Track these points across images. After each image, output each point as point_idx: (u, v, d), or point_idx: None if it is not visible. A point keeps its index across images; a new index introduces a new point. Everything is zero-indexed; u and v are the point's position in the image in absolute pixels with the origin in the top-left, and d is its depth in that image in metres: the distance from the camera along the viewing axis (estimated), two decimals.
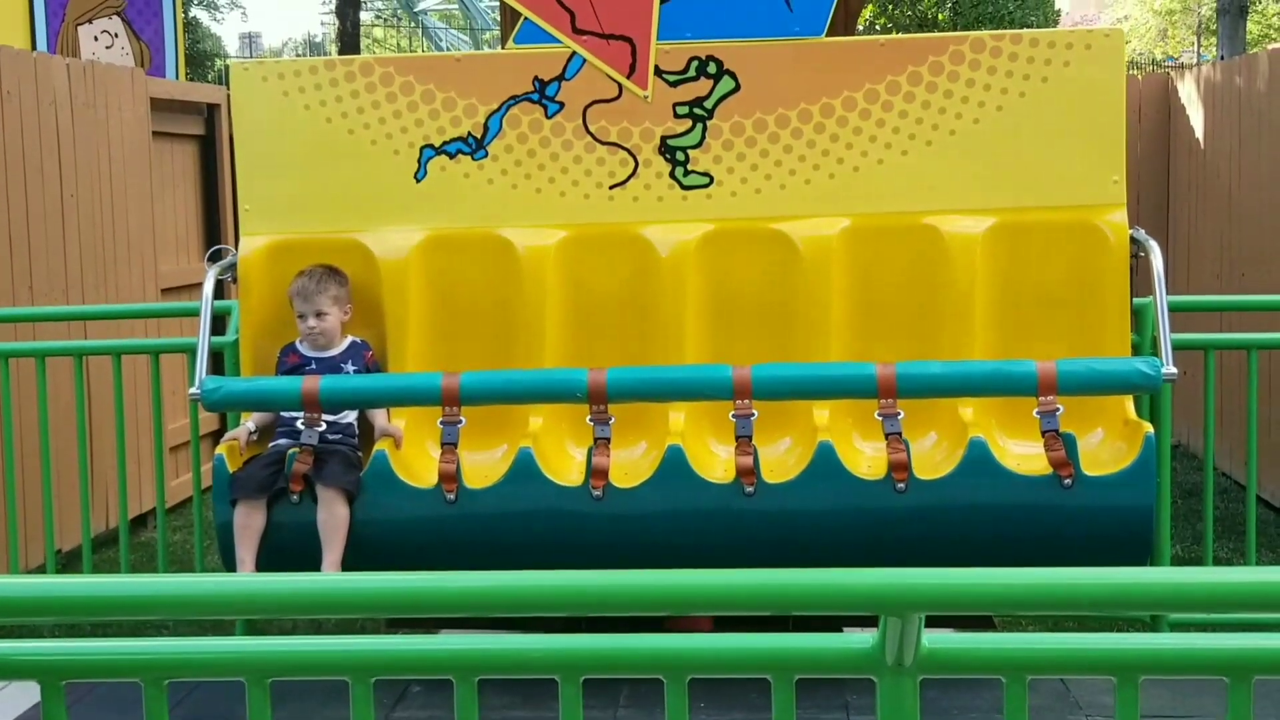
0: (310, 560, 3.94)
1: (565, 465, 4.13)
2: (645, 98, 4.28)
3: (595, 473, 3.94)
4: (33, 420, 5.18)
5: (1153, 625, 4.36)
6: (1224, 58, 18.28)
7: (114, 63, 7.51)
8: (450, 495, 3.97)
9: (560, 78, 4.29)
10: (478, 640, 2.03)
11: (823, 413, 4.14)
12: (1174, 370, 3.89)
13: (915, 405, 3.99)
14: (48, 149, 5.79)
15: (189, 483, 6.06)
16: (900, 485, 3.90)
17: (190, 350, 4.36)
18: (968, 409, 4.10)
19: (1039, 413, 3.90)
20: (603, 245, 4.29)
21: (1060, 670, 2.09)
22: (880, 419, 3.94)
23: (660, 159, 4.29)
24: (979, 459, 3.91)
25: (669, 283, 4.25)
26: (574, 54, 4.29)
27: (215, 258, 4.41)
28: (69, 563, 5.66)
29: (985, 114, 4.22)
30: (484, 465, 4.12)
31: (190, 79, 14.85)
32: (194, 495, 4.91)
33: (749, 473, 3.91)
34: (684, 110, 4.27)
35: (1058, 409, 3.89)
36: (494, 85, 4.30)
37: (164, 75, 8.35)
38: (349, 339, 4.28)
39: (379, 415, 4.19)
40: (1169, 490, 4.46)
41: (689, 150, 4.28)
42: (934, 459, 4.06)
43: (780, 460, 4.11)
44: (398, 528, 4.03)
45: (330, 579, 2.00)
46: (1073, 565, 4.86)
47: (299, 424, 4.07)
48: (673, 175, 4.29)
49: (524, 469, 3.97)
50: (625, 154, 4.29)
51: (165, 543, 4.94)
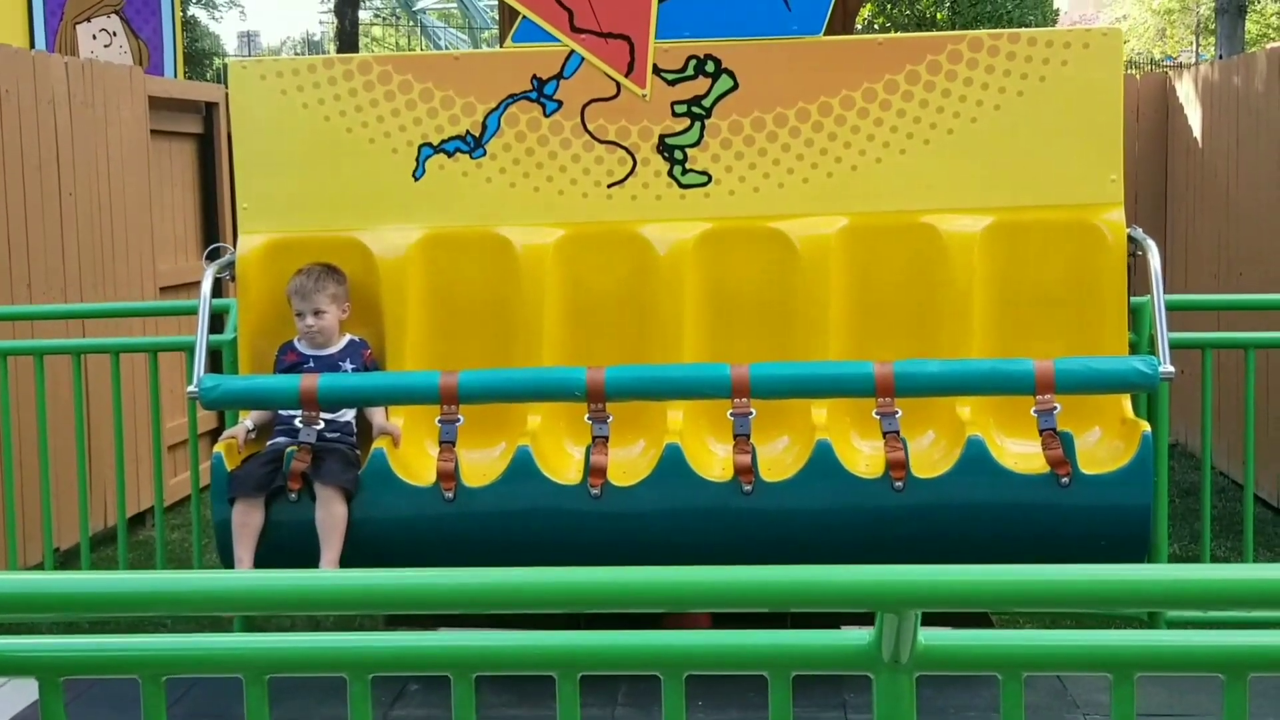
0: (308, 558, 3.94)
1: (563, 464, 4.13)
2: (643, 96, 4.28)
3: (593, 471, 3.95)
4: (31, 419, 5.18)
5: (1150, 623, 4.37)
6: (1222, 57, 18.28)
7: (112, 61, 7.51)
8: (448, 493, 3.98)
9: (558, 76, 4.29)
10: (475, 638, 2.03)
11: (821, 411, 4.14)
12: (1171, 369, 3.89)
13: (913, 404, 4.00)
14: (46, 148, 5.79)
15: (187, 481, 6.05)
16: (898, 484, 3.91)
17: (188, 348, 4.36)
18: (965, 408, 4.11)
19: (1037, 411, 3.90)
20: (601, 244, 4.29)
21: (1056, 667, 2.09)
22: (878, 418, 3.95)
23: (658, 158, 4.29)
24: (977, 458, 3.91)
25: (667, 281, 4.25)
26: (572, 52, 4.29)
27: (213, 256, 4.41)
28: (67, 561, 5.66)
29: (983, 113, 4.23)
30: (482, 463, 4.12)
31: (189, 78, 14.85)
32: (192, 493, 4.91)
33: (747, 471, 3.92)
34: (682, 109, 4.27)
35: (1055, 408, 3.89)
36: (492, 84, 4.30)
37: (162, 74, 8.36)
38: (347, 337, 4.29)
39: (377, 413, 4.19)
40: (1167, 489, 4.46)
41: (687, 149, 4.28)
42: (932, 458, 4.06)
43: (778, 459, 4.11)
44: (396, 526, 4.03)
45: (328, 575, 2.01)
46: (1070, 564, 4.85)
47: (297, 422, 4.07)
48: (671, 174, 4.29)
49: (522, 467, 3.98)
50: (623, 153, 4.29)
51: (163, 541, 4.94)
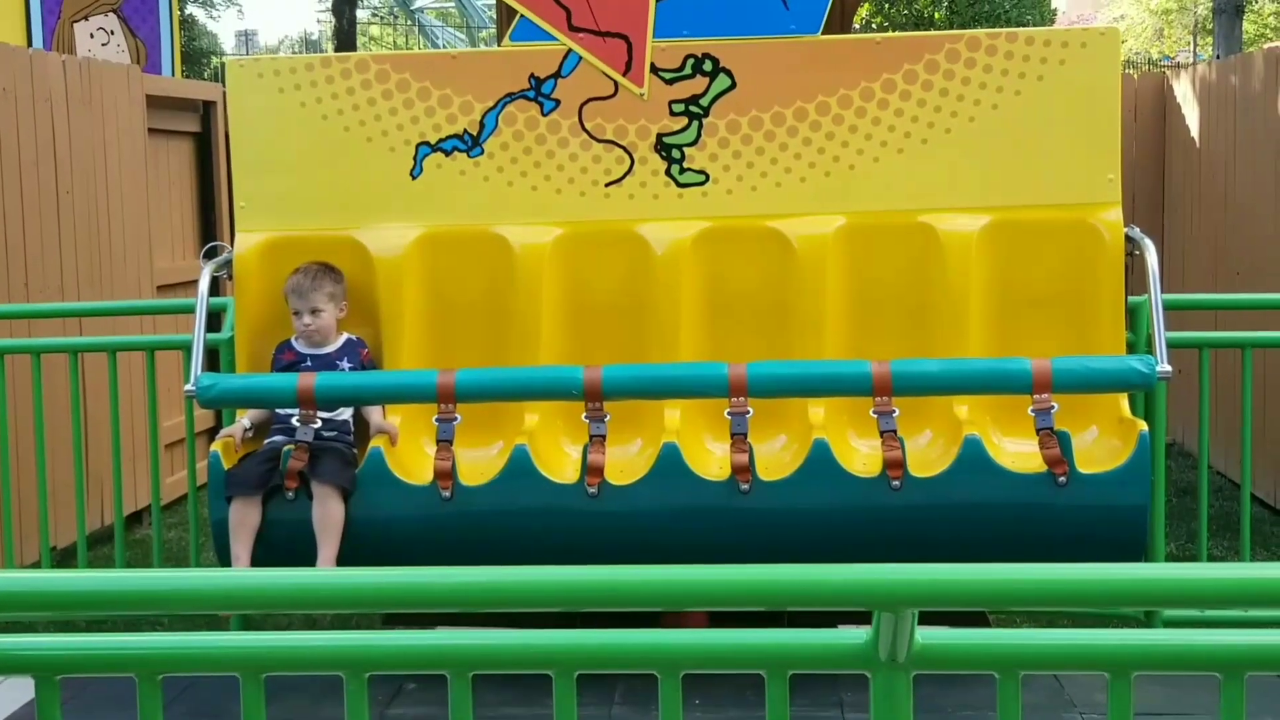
0: (305, 557, 3.94)
1: (561, 462, 4.13)
2: (641, 95, 4.28)
3: (591, 470, 3.95)
4: (28, 417, 5.18)
5: (1147, 622, 4.37)
6: (1220, 57, 18.29)
7: (110, 60, 7.51)
8: (446, 492, 3.98)
9: (556, 75, 4.29)
10: (471, 636, 2.03)
11: (818, 410, 4.15)
12: (1168, 368, 3.89)
13: (910, 403, 4.00)
14: (43, 146, 5.79)
15: (184, 480, 6.05)
16: (895, 483, 3.91)
17: (186, 347, 4.36)
18: (963, 407, 4.11)
19: (1034, 411, 3.90)
20: (598, 243, 4.29)
21: (1053, 666, 2.09)
22: (875, 417, 3.95)
23: (656, 157, 4.29)
24: (974, 457, 3.91)
25: (665, 280, 4.25)
26: (570, 51, 4.29)
27: (211, 254, 4.41)
28: (64, 559, 5.66)
29: (981, 112, 4.23)
30: (479, 462, 4.12)
31: (186, 76, 14.85)
32: (189, 492, 4.90)
33: (744, 470, 3.92)
34: (680, 108, 4.27)
35: (1053, 407, 3.89)
36: (490, 83, 4.29)
37: (160, 72, 8.35)
38: (344, 336, 4.28)
39: (374, 412, 4.19)
40: (1164, 488, 4.46)
41: (685, 148, 4.28)
42: (929, 457, 4.06)
43: (775, 458, 4.11)
44: (393, 525, 4.03)
45: (325, 574, 2.01)
46: (1067, 563, 4.85)
47: (294, 421, 4.07)
48: (668, 173, 4.29)
49: (519, 466, 3.97)
50: (621, 151, 4.29)
51: (160, 540, 4.93)
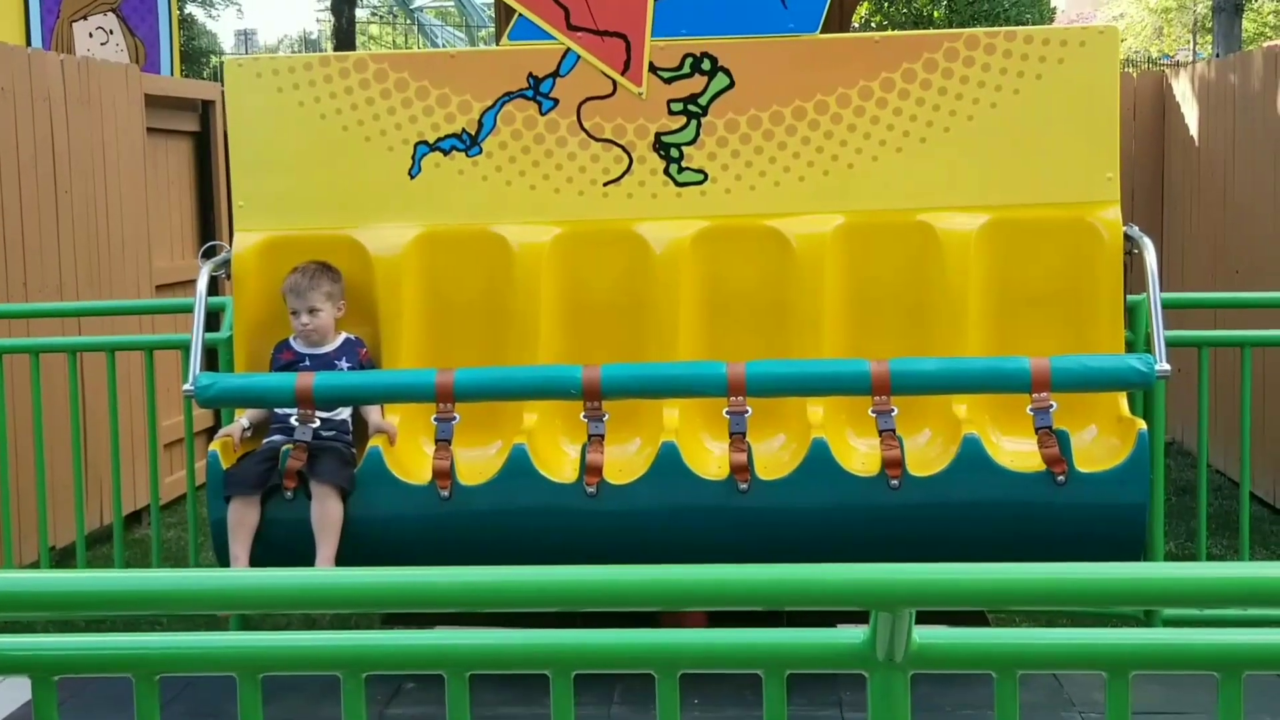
0: (304, 557, 3.94)
1: (559, 462, 4.13)
2: (639, 94, 4.28)
3: (589, 469, 3.94)
4: (27, 417, 5.18)
5: (1146, 621, 4.37)
6: (1219, 55, 18.29)
7: (109, 59, 7.51)
8: (444, 492, 3.97)
9: (554, 74, 4.28)
10: (468, 636, 2.02)
11: (817, 410, 4.14)
12: (1167, 367, 3.89)
13: (909, 402, 4.00)
14: (42, 146, 5.79)
15: (183, 479, 6.05)
16: (894, 482, 3.91)
17: (184, 347, 4.35)
18: (961, 406, 4.11)
19: (1033, 409, 3.90)
20: (597, 242, 4.29)
21: (1051, 666, 2.09)
22: (874, 416, 3.94)
23: (654, 156, 4.28)
24: (973, 456, 3.91)
25: (663, 280, 4.25)
26: (568, 50, 4.28)
27: (209, 254, 4.40)
28: (63, 559, 5.66)
29: (980, 111, 4.22)
30: (478, 462, 4.12)
31: (186, 76, 14.85)
32: (188, 492, 4.90)
33: (743, 469, 3.92)
34: (678, 107, 4.27)
35: (1051, 406, 3.89)
36: (488, 82, 4.29)
37: (159, 72, 8.35)
38: (343, 335, 4.28)
39: (373, 412, 4.19)
40: (1163, 487, 4.46)
41: (683, 147, 4.28)
42: (928, 456, 4.06)
43: (774, 457, 4.11)
44: (392, 524, 4.03)
45: (324, 574, 2.01)
46: (1066, 562, 4.82)
47: (293, 420, 4.07)
48: (667, 172, 4.29)
49: (518, 465, 3.97)
50: (619, 151, 4.29)
51: (159, 539, 4.93)
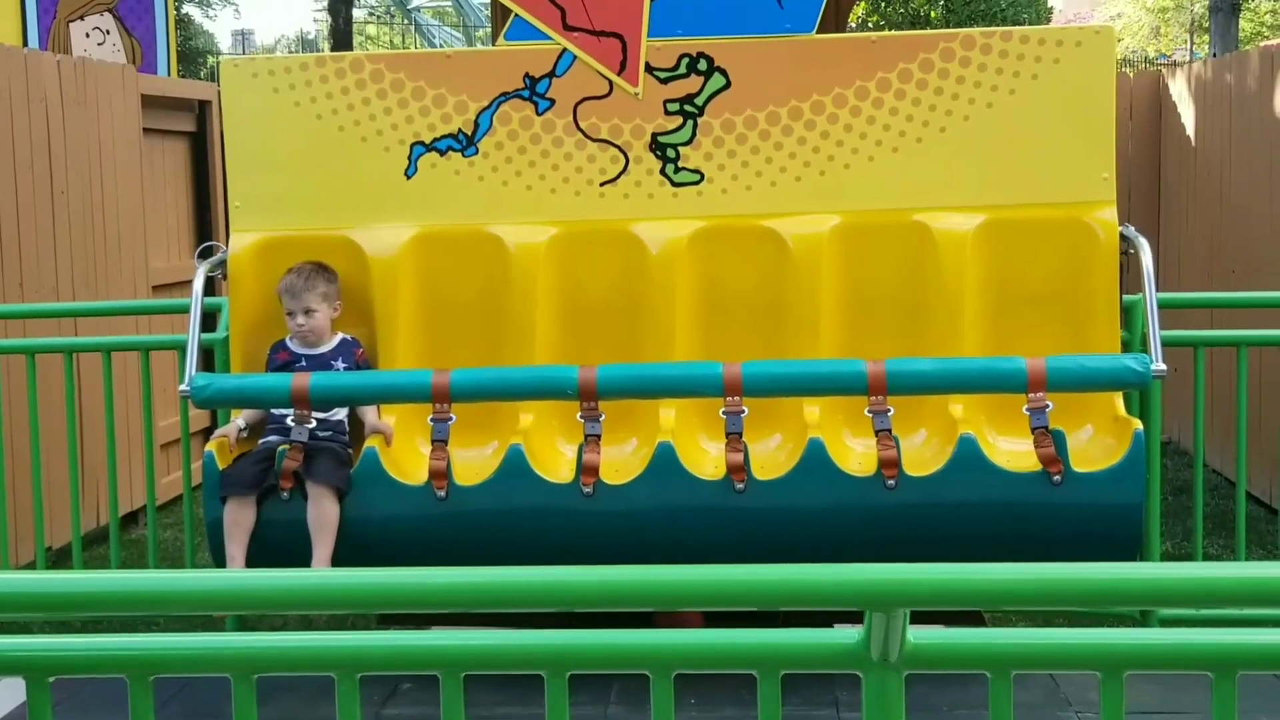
0: (300, 557, 3.93)
1: (556, 462, 4.13)
2: (636, 95, 4.28)
3: (586, 470, 3.94)
4: (23, 417, 5.17)
5: (1142, 620, 4.37)
6: (1216, 55, 18.31)
7: (105, 59, 7.50)
8: (441, 492, 3.97)
9: (551, 74, 4.28)
10: (463, 636, 2.03)
11: (813, 410, 4.14)
12: (1163, 367, 3.89)
13: (905, 402, 3.99)
14: (38, 146, 5.79)
15: (180, 480, 6.06)
16: (890, 482, 3.91)
17: (180, 347, 4.35)
18: (958, 406, 4.10)
19: (1029, 409, 3.90)
20: (593, 242, 4.29)
21: (1045, 665, 2.09)
22: (870, 416, 3.94)
23: (651, 156, 4.28)
24: (969, 456, 3.91)
25: (659, 280, 4.25)
26: (564, 51, 4.28)
27: (206, 254, 4.40)
28: (59, 560, 5.66)
29: (976, 111, 4.22)
30: (474, 462, 4.12)
31: (182, 76, 14.83)
32: (184, 492, 4.90)
33: (739, 469, 3.91)
34: (675, 107, 4.27)
35: (1047, 406, 3.89)
36: (484, 82, 4.29)
37: (156, 72, 8.34)
38: (339, 336, 4.28)
39: (369, 412, 4.18)
40: (1159, 486, 4.46)
41: (680, 147, 4.28)
42: (924, 456, 4.05)
43: (771, 457, 4.11)
44: (388, 525, 4.03)
45: (320, 574, 2.01)
46: (1062, 561, 4.81)
47: (289, 421, 4.06)
48: (663, 172, 4.29)
49: (514, 466, 3.97)
50: (616, 151, 4.29)
51: (156, 540, 4.93)
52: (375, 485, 4.01)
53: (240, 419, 4.22)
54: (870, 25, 18.98)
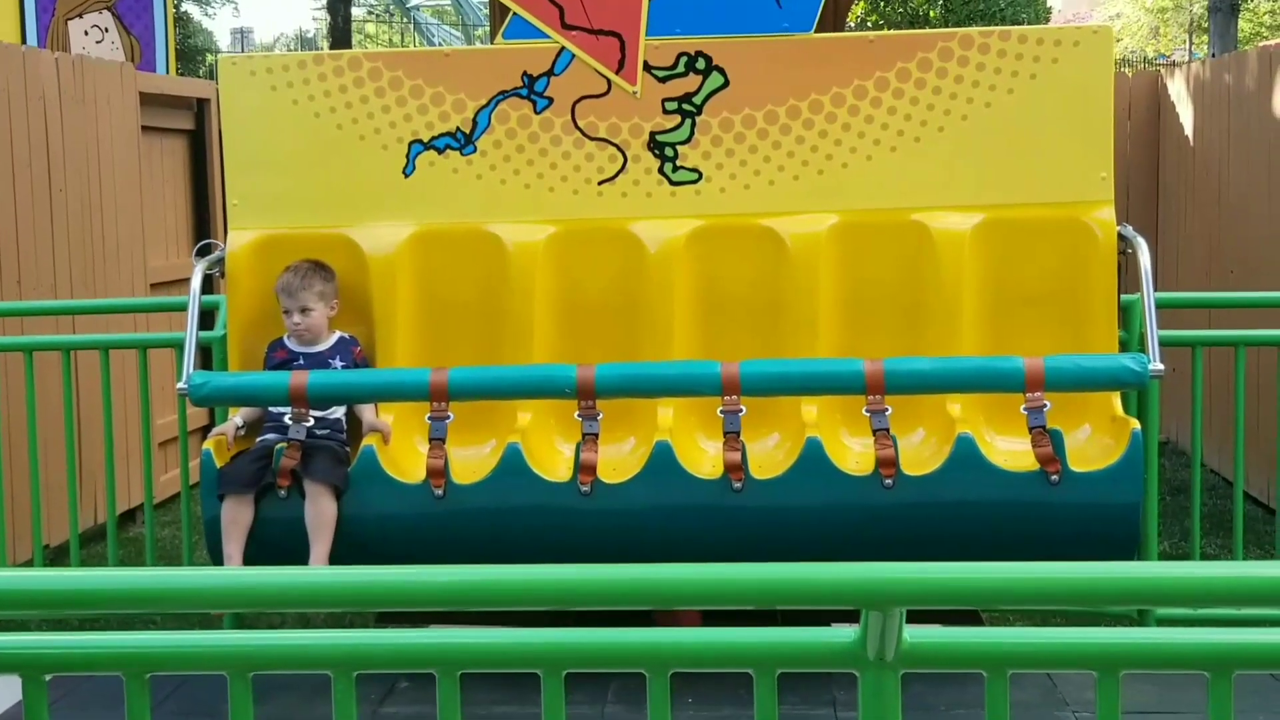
0: (298, 555, 3.94)
1: (553, 461, 4.13)
2: (634, 93, 4.28)
3: (583, 468, 3.94)
4: (21, 415, 5.17)
5: (1140, 620, 4.37)
6: (1215, 55, 18.30)
7: (104, 57, 7.49)
8: (438, 490, 3.97)
9: (549, 73, 4.28)
10: (459, 635, 2.03)
11: (811, 409, 4.14)
12: (1161, 366, 3.89)
13: (903, 401, 3.99)
14: (36, 144, 5.78)
15: (177, 478, 6.06)
16: (888, 481, 3.91)
17: (178, 345, 4.35)
18: (955, 405, 4.11)
19: (1026, 409, 3.90)
20: (591, 241, 4.29)
21: (1041, 665, 2.09)
22: (868, 415, 3.94)
23: (649, 155, 4.28)
24: (966, 455, 3.91)
25: (657, 278, 4.25)
26: (563, 49, 4.28)
27: (203, 252, 4.40)
28: (56, 558, 5.66)
29: (974, 110, 4.23)
30: (472, 461, 4.12)
31: (181, 74, 14.81)
32: (182, 491, 4.90)
33: (737, 468, 3.91)
34: (673, 106, 4.27)
35: (1045, 405, 3.89)
36: (483, 80, 4.29)
37: (154, 70, 8.34)
38: (337, 334, 4.27)
39: (367, 410, 4.18)
40: (1157, 486, 4.46)
41: (678, 146, 4.28)
42: (922, 455, 4.06)
43: (768, 456, 4.11)
44: (386, 523, 4.03)
45: (317, 573, 2.01)
46: (1060, 561, 4.81)
47: (287, 419, 4.06)
48: (661, 171, 4.29)
49: (512, 464, 3.97)
50: (614, 150, 4.29)
51: (153, 538, 4.92)
52: (373, 483, 4.01)
53: (238, 417, 4.22)
54: (869, 25, 18.98)
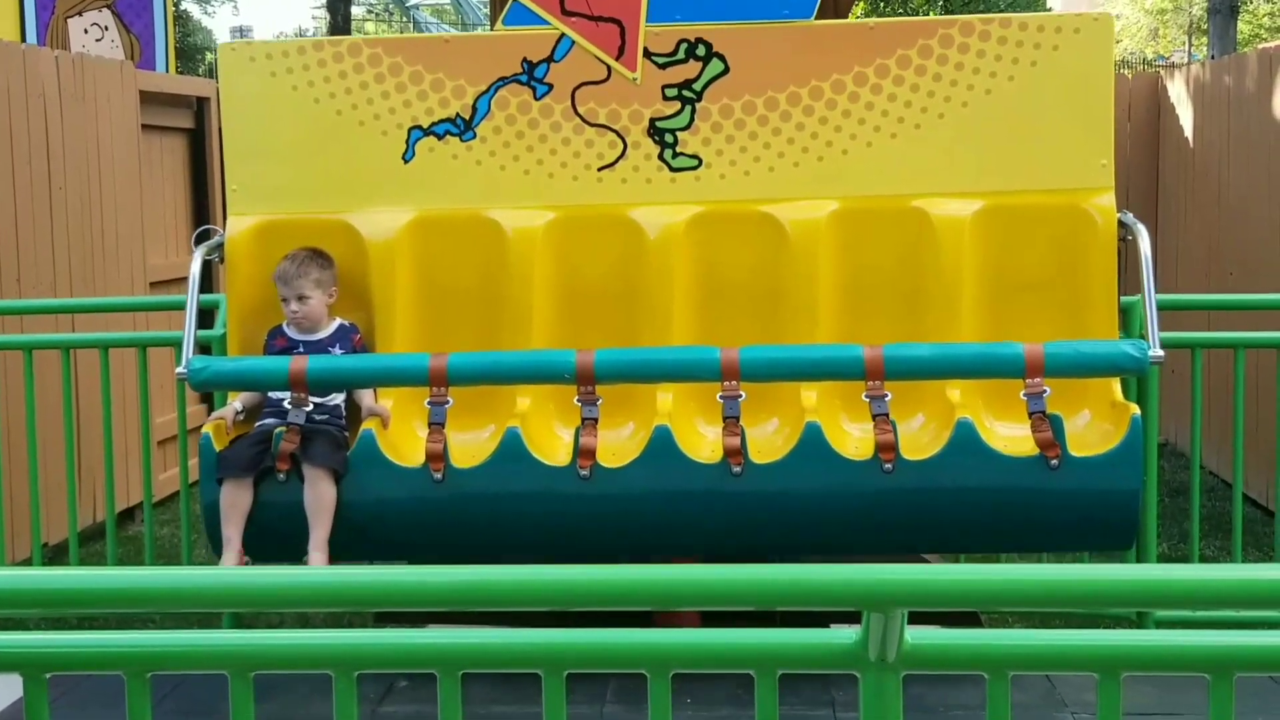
0: (297, 539, 3.92)
1: (553, 445, 4.11)
2: (634, 80, 4.27)
3: (583, 453, 3.93)
4: (20, 414, 5.16)
5: (1139, 622, 4.35)
6: (1214, 57, 18.31)
7: (104, 56, 7.50)
8: (438, 475, 3.96)
9: (549, 59, 4.28)
10: (460, 634, 2.02)
11: (810, 394, 4.13)
12: (1161, 353, 3.88)
13: (903, 387, 3.98)
14: (36, 142, 5.78)
15: (176, 476, 6.04)
16: (887, 466, 3.89)
17: (178, 344, 4.31)
18: (955, 390, 4.09)
19: (1026, 394, 3.88)
20: (591, 227, 4.28)
21: (1042, 667, 2.08)
22: (868, 400, 3.93)
23: (649, 141, 4.28)
24: (966, 440, 3.90)
25: (657, 264, 4.24)
26: (563, 36, 4.28)
27: (203, 238, 4.39)
28: (56, 556, 5.65)
29: (974, 97, 4.22)
30: (471, 445, 4.10)
31: (181, 72, 14.84)
32: (181, 489, 4.89)
33: (736, 453, 3.90)
34: (673, 92, 4.26)
35: (1045, 391, 3.87)
36: (482, 67, 4.28)
37: (154, 68, 8.35)
38: (336, 322, 4.26)
39: (366, 395, 4.17)
40: (1155, 475, 4.44)
41: (677, 132, 4.27)
42: (921, 440, 4.04)
43: (768, 441, 4.10)
44: (385, 507, 4.01)
45: (316, 572, 2.00)
46: (1059, 546, 4.78)
47: (286, 404, 4.05)
48: (661, 157, 4.28)
49: (511, 449, 3.96)
50: (614, 136, 4.28)
51: (152, 536, 4.90)
52: (372, 468, 3.99)
53: (237, 402, 4.21)
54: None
